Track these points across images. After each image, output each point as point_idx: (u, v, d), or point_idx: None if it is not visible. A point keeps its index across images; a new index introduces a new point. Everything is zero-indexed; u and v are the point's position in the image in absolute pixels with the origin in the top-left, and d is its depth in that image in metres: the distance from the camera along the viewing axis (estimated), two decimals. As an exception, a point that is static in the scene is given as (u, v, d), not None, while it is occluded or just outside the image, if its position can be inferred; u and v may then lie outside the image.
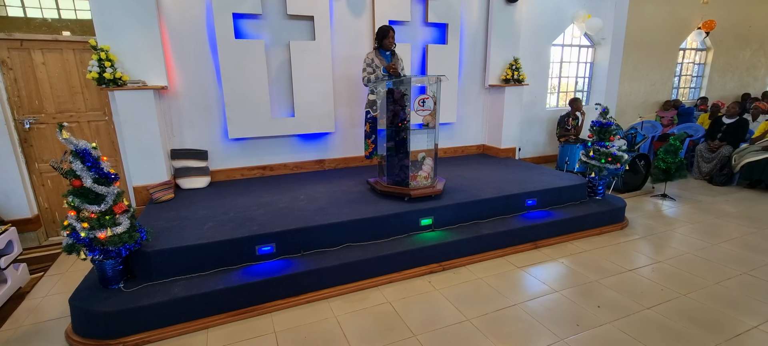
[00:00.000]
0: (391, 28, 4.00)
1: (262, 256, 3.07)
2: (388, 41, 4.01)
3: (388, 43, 4.03)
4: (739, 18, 9.34)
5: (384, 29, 4.01)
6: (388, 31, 4.00)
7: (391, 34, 4.00)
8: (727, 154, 5.87)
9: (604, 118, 4.40)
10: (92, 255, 2.54)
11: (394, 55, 4.17)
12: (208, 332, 2.63)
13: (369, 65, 4.06)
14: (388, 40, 4.01)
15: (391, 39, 4.01)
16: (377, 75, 4.01)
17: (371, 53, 4.08)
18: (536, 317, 2.73)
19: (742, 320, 2.67)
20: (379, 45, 4.08)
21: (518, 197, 4.06)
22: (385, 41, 4.02)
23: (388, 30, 4.00)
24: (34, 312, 2.93)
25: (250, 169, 4.85)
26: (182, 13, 4.17)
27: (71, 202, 2.44)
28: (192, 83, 4.34)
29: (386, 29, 4.00)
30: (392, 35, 4.01)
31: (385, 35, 4.01)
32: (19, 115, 3.95)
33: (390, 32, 3.99)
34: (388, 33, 3.99)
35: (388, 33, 3.99)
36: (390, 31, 3.99)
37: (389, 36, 4.00)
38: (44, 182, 4.17)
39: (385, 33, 4.00)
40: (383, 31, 4.01)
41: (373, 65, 4.04)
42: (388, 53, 4.11)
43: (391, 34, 4.00)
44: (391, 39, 4.01)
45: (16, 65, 3.86)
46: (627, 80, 8.15)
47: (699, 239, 3.98)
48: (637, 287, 3.10)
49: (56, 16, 3.98)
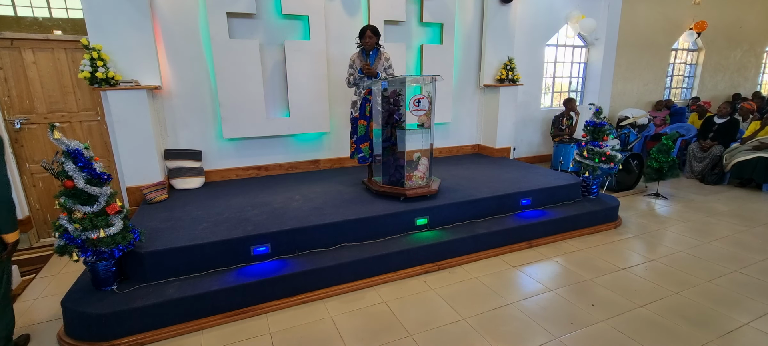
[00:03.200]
0: (367, 27, 3.88)
1: (257, 256, 3.05)
2: (364, 41, 3.90)
3: (365, 43, 3.92)
4: (730, 19, 9.45)
5: (361, 29, 3.92)
6: (364, 30, 3.88)
7: (367, 33, 3.87)
8: (719, 154, 5.94)
9: (597, 118, 4.43)
10: (85, 256, 2.52)
11: (378, 54, 4.02)
12: (203, 333, 2.61)
13: (351, 66, 4.04)
14: (365, 39, 3.90)
15: (368, 38, 3.88)
16: (356, 76, 3.99)
17: (354, 54, 4.04)
18: (531, 315, 2.75)
19: (734, 317, 2.70)
20: (359, 45, 4.01)
21: (513, 197, 4.08)
22: (362, 41, 3.93)
23: (365, 29, 3.87)
24: (26, 315, 2.89)
25: (244, 170, 4.83)
26: (176, 12, 4.13)
27: (63, 203, 2.41)
28: (186, 83, 4.31)
29: (362, 29, 3.90)
30: (368, 34, 3.87)
31: (361, 35, 3.91)
32: (9, 115, 3.90)
33: (366, 31, 3.87)
34: (364, 32, 3.87)
35: (365, 33, 3.89)
36: (366, 30, 3.87)
37: (366, 36, 3.87)
38: (35, 183, 4.12)
39: (362, 33, 3.91)
40: (360, 32, 3.92)
41: (354, 66, 4.01)
42: (371, 53, 3.99)
43: (367, 34, 3.87)
44: (367, 38, 3.88)
45: (7, 64, 3.81)
46: (620, 80, 8.21)
47: (691, 238, 4.02)
48: (630, 285, 3.13)
49: (48, 14, 3.93)
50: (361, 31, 3.91)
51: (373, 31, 3.89)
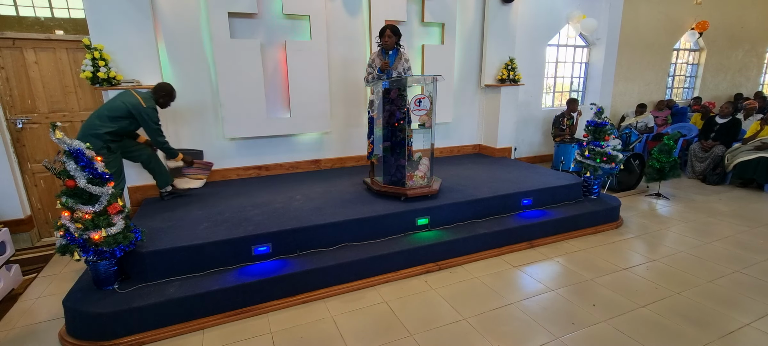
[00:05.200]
0: (386, 27, 3.96)
1: (258, 256, 3.06)
2: (384, 40, 3.98)
3: (384, 42, 3.99)
4: (731, 19, 9.43)
5: (381, 29, 3.99)
6: (384, 30, 3.96)
7: (387, 32, 3.94)
8: (720, 154, 5.93)
9: (598, 118, 4.43)
10: (86, 256, 2.52)
11: (398, 54, 4.07)
12: (204, 332, 2.61)
13: (370, 65, 4.05)
14: (384, 39, 3.97)
15: (387, 38, 3.95)
16: (374, 75, 4.00)
17: (374, 53, 4.06)
18: (532, 315, 2.75)
19: (735, 317, 2.70)
20: (379, 44, 4.06)
21: (514, 197, 4.08)
22: (381, 40, 4.00)
23: (384, 29, 3.96)
24: (28, 314, 2.90)
25: (245, 169, 4.83)
26: (177, 11, 4.13)
27: (65, 202, 2.42)
28: (187, 82, 4.31)
29: (382, 29, 3.98)
30: (388, 33, 3.94)
31: (381, 34, 3.98)
32: (11, 114, 3.91)
33: (386, 30, 3.94)
34: (384, 31, 3.95)
35: (384, 31, 3.95)
36: (386, 29, 3.95)
37: (385, 34, 3.94)
38: (37, 183, 4.13)
39: (381, 32, 3.97)
40: (381, 30, 3.99)
41: (373, 65, 4.03)
42: (391, 53, 4.04)
43: (387, 33, 3.93)
44: (386, 38, 3.95)
45: (8, 64, 3.82)
46: (622, 80, 8.21)
47: (692, 238, 4.02)
48: (631, 285, 3.12)
49: (49, 14, 3.94)
50: (381, 30, 3.96)
51: (393, 31, 3.94)
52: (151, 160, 3.77)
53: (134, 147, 3.69)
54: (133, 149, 3.68)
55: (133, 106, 3.37)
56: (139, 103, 3.39)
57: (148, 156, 3.75)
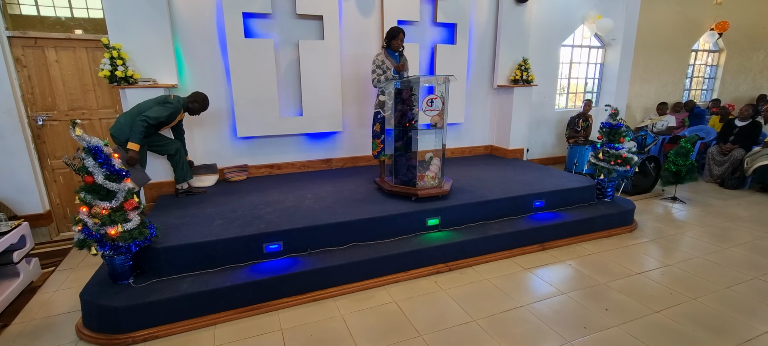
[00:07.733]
0: (401, 29, 4.00)
1: (269, 254, 3.09)
2: (397, 42, 4.01)
3: (397, 44, 4.02)
4: (752, 19, 9.18)
5: (394, 30, 4.01)
6: (398, 32, 3.99)
7: (401, 35, 4.00)
8: (740, 158, 5.78)
9: (613, 120, 4.36)
10: (103, 251, 2.58)
11: (402, 56, 4.17)
12: (216, 328, 2.65)
13: (379, 66, 4.06)
14: (397, 41, 4.00)
15: (401, 40, 4.01)
16: (387, 76, 4.01)
17: (381, 54, 4.08)
18: (543, 318, 2.72)
19: (753, 325, 2.63)
20: (388, 45, 4.08)
21: (526, 198, 4.04)
22: (394, 42, 4.02)
23: (399, 31, 3.99)
24: (46, 306, 2.98)
25: (257, 168, 4.88)
26: (193, 12, 4.20)
27: (83, 198, 2.48)
28: (201, 82, 4.38)
29: (396, 30, 4.00)
30: (402, 37, 4.01)
31: (394, 36, 4.01)
32: (32, 112, 4.01)
33: (400, 33, 3.99)
34: (398, 34, 3.99)
35: (398, 34, 3.99)
36: (400, 32, 3.99)
37: (399, 37, 3.99)
38: (56, 178, 4.24)
39: (395, 34, 4.00)
40: (393, 32, 4.01)
41: (384, 66, 4.04)
42: (396, 54, 4.10)
43: (401, 36, 4.00)
44: (400, 40, 4.00)
45: (30, 63, 3.92)
46: (638, 82, 8.06)
47: (709, 243, 3.93)
48: (645, 290, 3.07)
49: (69, 14, 4.03)
50: (394, 32, 4.00)
51: (404, 34, 4.04)
52: (177, 153, 3.89)
53: (162, 141, 3.84)
54: (161, 142, 3.83)
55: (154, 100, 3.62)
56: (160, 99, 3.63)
57: (176, 149, 3.88)
